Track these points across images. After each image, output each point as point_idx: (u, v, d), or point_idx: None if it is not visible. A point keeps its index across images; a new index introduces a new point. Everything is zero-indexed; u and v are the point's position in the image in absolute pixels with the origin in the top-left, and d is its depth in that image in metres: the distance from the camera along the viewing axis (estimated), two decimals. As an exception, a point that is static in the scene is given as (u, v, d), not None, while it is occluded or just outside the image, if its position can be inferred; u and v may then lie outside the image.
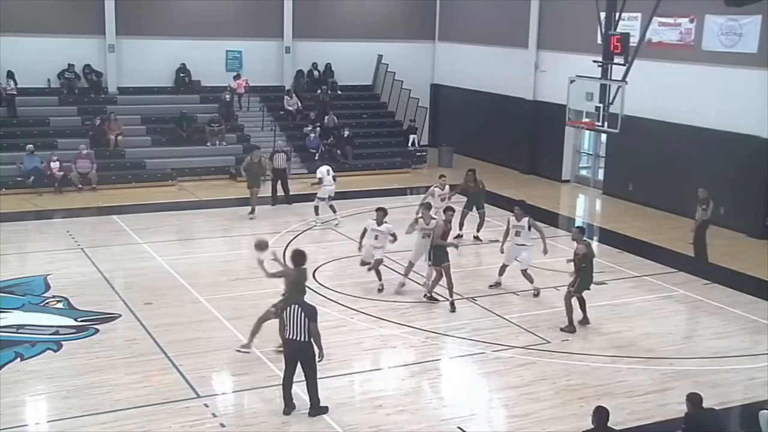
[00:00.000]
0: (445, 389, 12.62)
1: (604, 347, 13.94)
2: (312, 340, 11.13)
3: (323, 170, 21.34)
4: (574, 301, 14.70)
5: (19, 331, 14.06)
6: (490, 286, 16.68)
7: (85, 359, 13.03)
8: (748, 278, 17.86)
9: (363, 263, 16.41)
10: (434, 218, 16.45)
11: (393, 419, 11.38)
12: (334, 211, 21.31)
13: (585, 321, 14.84)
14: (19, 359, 12.97)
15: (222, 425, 11.13)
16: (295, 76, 30.93)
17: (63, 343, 13.60)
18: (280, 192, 23.26)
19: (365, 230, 16.27)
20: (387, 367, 13.23)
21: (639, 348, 14.05)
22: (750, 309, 15.98)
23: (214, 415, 11.40)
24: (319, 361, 11.27)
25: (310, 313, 11.19)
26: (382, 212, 16.20)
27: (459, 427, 11.22)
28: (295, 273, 12.72)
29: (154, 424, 11.08)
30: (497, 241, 19.40)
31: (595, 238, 21.63)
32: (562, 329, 14.49)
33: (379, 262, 16.20)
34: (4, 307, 14.98)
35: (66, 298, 15.56)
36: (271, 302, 14.77)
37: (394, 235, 16.10)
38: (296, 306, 11.23)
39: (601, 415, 9.30)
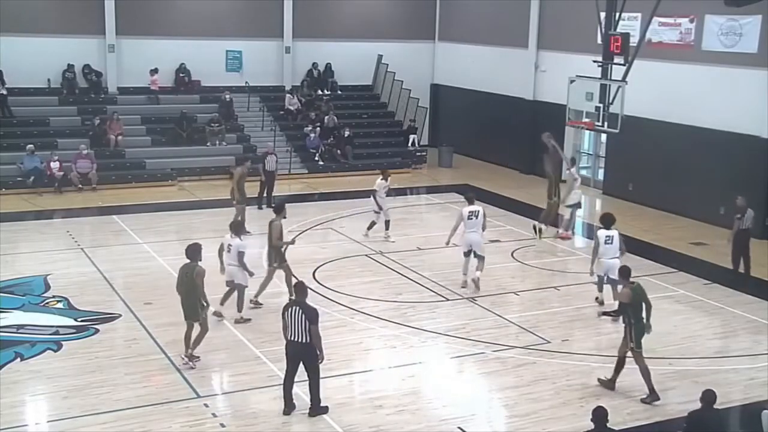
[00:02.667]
0: (445, 389, 12.58)
1: (604, 347, 13.90)
2: (313, 341, 11.14)
3: None
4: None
5: (19, 331, 14.06)
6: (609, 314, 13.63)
7: (85, 359, 13.03)
8: (748, 278, 17.83)
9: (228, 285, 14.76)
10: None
11: (393, 419, 11.38)
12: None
13: (611, 383, 12.41)
14: (19, 359, 12.96)
15: (222, 425, 11.14)
16: (302, 83, 30.85)
17: (63, 343, 13.61)
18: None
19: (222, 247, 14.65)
20: (387, 367, 13.21)
21: (639, 348, 14.05)
22: (750, 309, 15.96)
23: (214, 415, 11.41)
24: (319, 363, 11.29)
25: (311, 315, 11.18)
26: (237, 224, 14.55)
27: (459, 427, 11.22)
28: (184, 269, 12.78)
29: (154, 424, 11.09)
30: (498, 240, 19.52)
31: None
32: (643, 400, 12.09)
33: (240, 287, 14.53)
34: (4, 307, 14.98)
35: (66, 298, 15.56)
36: (271, 302, 14.91)
37: (242, 254, 14.40)
38: (297, 308, 11.23)
39: (599, 415, 9.29)
